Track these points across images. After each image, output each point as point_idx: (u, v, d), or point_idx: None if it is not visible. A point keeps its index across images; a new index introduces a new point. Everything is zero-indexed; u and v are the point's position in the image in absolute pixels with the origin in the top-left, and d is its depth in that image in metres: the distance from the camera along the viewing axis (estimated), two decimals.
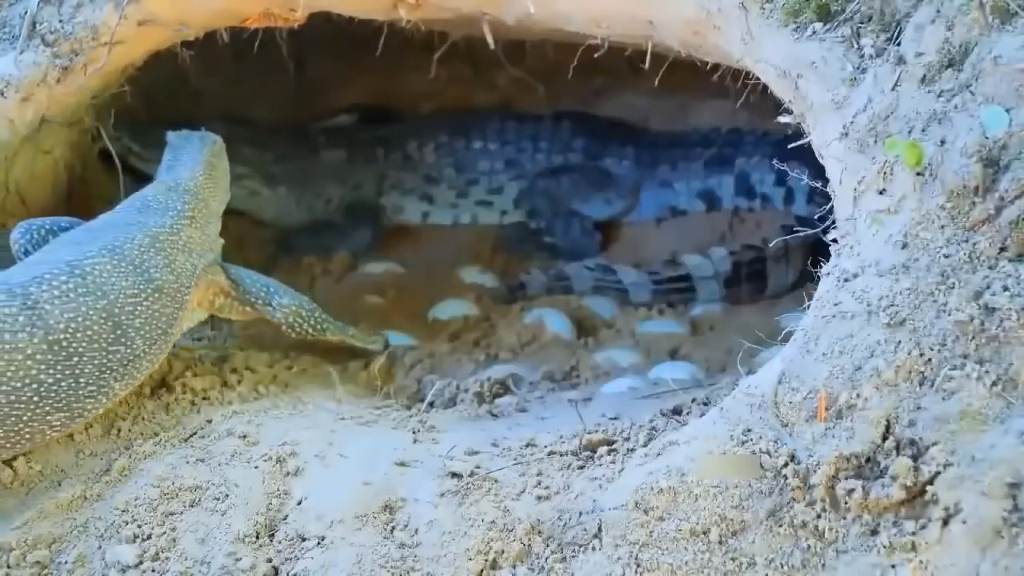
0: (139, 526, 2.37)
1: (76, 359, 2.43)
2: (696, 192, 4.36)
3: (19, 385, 2.36)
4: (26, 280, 2.45)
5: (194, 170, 2.96)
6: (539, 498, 2.34)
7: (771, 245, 3.64)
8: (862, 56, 2.40)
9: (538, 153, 4.47)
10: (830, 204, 2.49)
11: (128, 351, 2.54)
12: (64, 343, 2.42)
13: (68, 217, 2.90)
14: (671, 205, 4.39)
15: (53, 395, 2.40)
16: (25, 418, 2.38)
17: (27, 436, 2.41)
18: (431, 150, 4.48)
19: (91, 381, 2.46)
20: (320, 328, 3.02)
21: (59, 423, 2.44)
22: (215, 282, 2.87)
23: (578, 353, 3.50)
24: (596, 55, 3.16)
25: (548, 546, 2.25)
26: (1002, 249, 2.08)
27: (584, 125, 4.51)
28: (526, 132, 4.48)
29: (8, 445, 2.40)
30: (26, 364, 2.36)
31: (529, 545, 2.25)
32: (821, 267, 2.39)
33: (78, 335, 2.44)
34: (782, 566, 2.04)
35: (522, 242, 4.39)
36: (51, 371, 2.39)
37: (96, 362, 2.47)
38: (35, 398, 2.38)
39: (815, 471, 2.07)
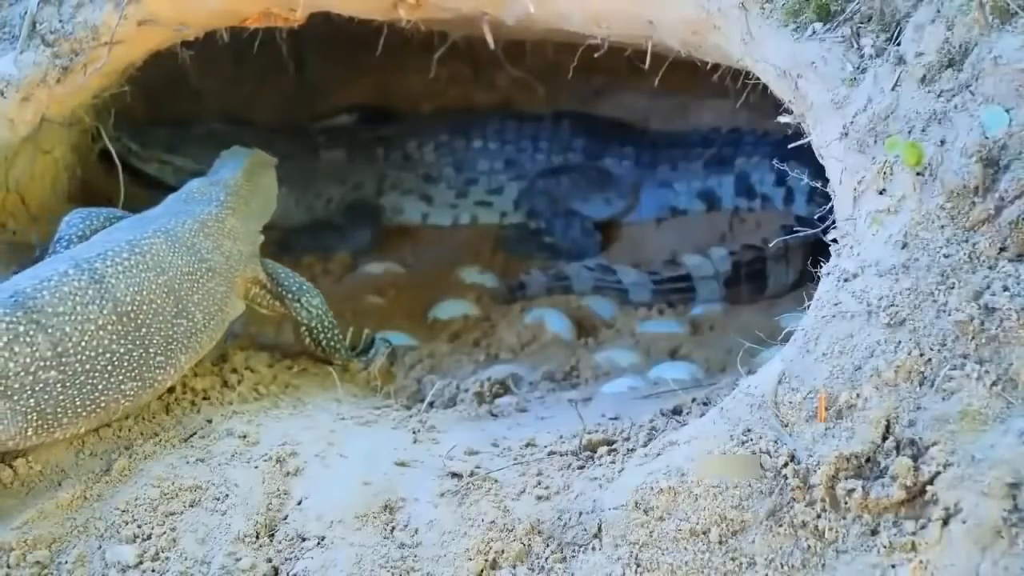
0: (139, 526, 2.37)
1: (144, 330, 2.57)
2: (696, 192, 4.35)
3: (93, 355, 2.48)
4: (91, 256, 2.59)
5: (235, 171, 3.12)
6: (539, 498, 2.34)
7: (771, 245, 3.64)
8: (862, 56, 2.40)
9: (538, 153, 4.47)
10: (830, 204, 2.49)
11: (190, 324, 2.69)
12: (132, 315, 2.56)
13: (119, 209, 3.04)
14: (671, 205, 4.39)
15: (125, 364, 2.53)
16: (100, 387, 2.50)
17: (102, 405, 2.51)
18: (431, 150, 4.47)
19: (159, 352, 2.60)
20: (332, 345, 3.08)
21: (132, 392, 2.56)
22: (254, 271, 2.97)
23: (578, 353, 3.50)
24: (596, 55, 3.16)
25: (548, 546, 2.25)
26: (1002, 249, 2.09)
27: (584, 125, 4.51)
28: (526, 132, 4.48)
29: (84, 414, 2.49)
30: (98, 334, 2.49)
31: (529, 545, 2.26)
32: (821, 267, 2.39)
33: (144, 307, 2.59)
34: (782, 566, 2.04)
35: (522, 242, 4.39)
36: (122, 341, 2.53)
37: (163, 333, 2.61)
38: (108, 367, 2.50)
39: (815, 471, 2.07)
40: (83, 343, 2.47)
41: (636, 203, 4.40)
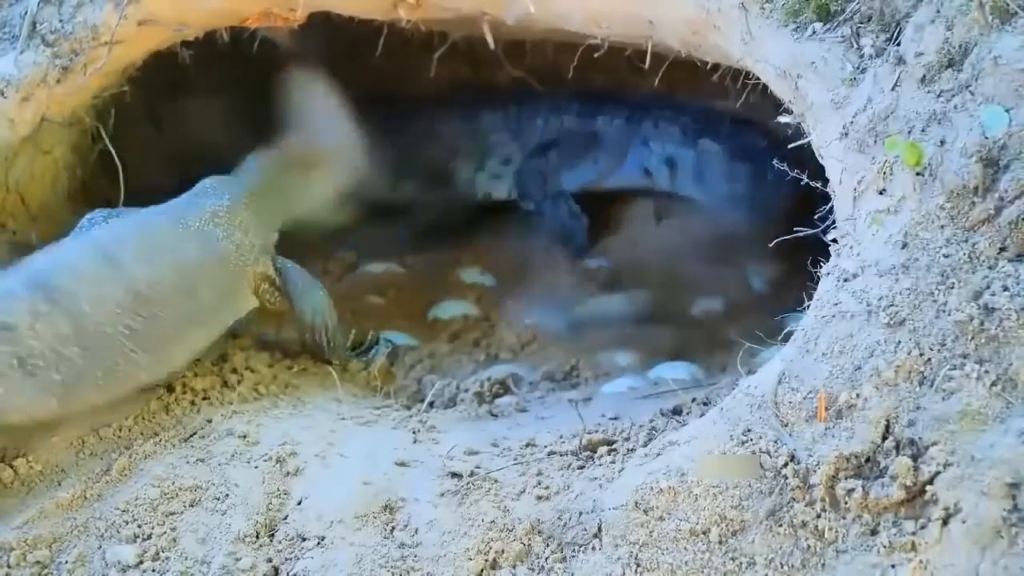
0: (139, 526, 2.37)
1: (156, 308, 2.67)
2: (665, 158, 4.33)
3: (111, 331, 2.58)
4: (103, 237, 2.74)
5: (254, 169, 3.20)
6: (539, 498, 2.34)
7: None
8: (862, 56, 2.41)
9: (537, 118, 4.42)
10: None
11: (200, 303, 2.79)
12: (144, 293, 2.66)
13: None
14: (644, 166, 4.33)
15: (140, 339, 2.63)
16: (119, 361, 2.60)
17: (121, 378, 2.61)
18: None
19: (171, 327, 2.70)
20: (333, 347, 3.11)
21: (147, 365, 2.65)
22: (264, 267, 3.02)
23: (578, 353, 3.50)
24: (596, 55, 3.16)
25: (548, 546, 2.25)
26: (1002, 249, 2.09)
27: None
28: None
29: (105, 387, 2.59)
30: (115, 312, 2.60)
31: (529, 545, 2.26)
32: (821, 267, 2.39)
33: (155, 286, 2.69)
34: (782, 566, 2.04)
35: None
36: (136, 317, 2.63)
37: (174, 310, 2.71)
38: (125, 342, 2.60)
39: (815, 471, 2.07)
40: (100, 320, 2.56)
41: (622, 163, 4.37)
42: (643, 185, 4.36)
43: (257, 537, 2.35)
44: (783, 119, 2.64)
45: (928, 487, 1.96)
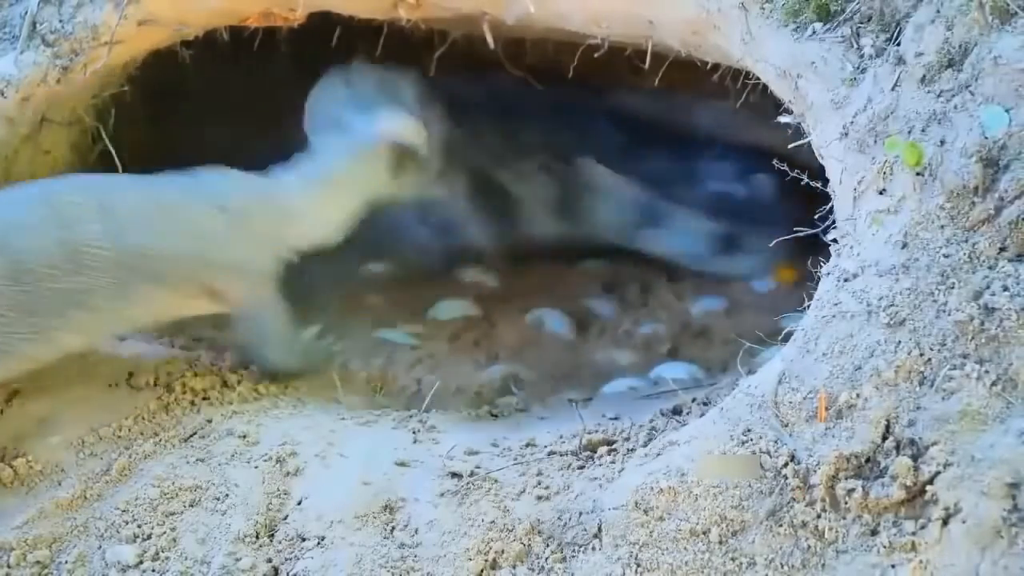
0: (139, 526, 2.37)
1: (37, 283, 2.56)
2: None
3: None
4: None
5: (294, 173, 2.96)
6: (539, 498, 2.34)
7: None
8: (862, 56, 2.41)
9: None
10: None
11: (84, 283, 2.61)
12: (27, 268, 2.56)
13: None
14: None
15: (17, 311, 2.54)
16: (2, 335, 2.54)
17: (7, 354, 2.56)
18: None
19: (52, 304, 2.59)
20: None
21: (27, 335, 2.57)
22: (227, 286, 2.83)
23: (578, 353, 3.50)
24: (596, 55, 3.16)
25: (548, 546, 2.25)
26: (1002, 249, 2.09)
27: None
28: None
29: None
30: None
31: (529, 545, 2.26)
32: (821, 267, 2.39)
33: (39, 261, 2.58)
34: (782, 566, 2.04)
35: None
36: (15, 289, 2.54)
37: (56, 287, 2.58)
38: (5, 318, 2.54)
39: (815, 471, 2.07)
40: None
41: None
42: None
43: (257, 537, 2.35)
44: (783, 119, 2.64)
45: (928, 487, 1.96)
